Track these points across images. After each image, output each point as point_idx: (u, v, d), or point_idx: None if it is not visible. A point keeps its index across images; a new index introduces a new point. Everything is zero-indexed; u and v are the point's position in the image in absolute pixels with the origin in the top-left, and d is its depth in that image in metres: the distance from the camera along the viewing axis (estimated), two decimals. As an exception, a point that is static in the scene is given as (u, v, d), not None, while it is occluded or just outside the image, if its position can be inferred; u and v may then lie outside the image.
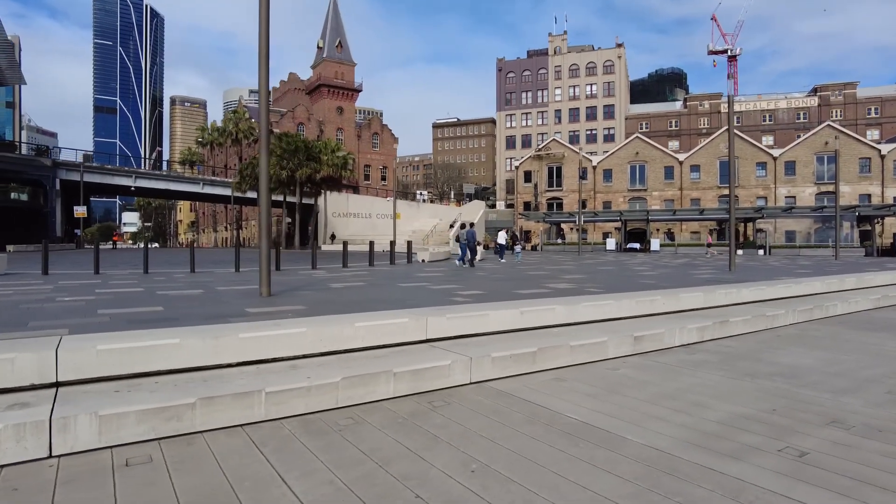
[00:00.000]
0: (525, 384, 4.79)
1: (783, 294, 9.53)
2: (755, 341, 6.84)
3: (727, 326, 7.02)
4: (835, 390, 4.59)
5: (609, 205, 55.54)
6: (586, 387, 4.72)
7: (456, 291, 9.63)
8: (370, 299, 8.49)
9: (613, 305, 6.89)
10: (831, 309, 9.02)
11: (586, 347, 5.55)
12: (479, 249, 29.79)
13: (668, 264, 21.67)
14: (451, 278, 13.11)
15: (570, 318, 6.44)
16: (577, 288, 10.31)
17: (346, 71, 71.77)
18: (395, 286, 10.68)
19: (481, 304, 6.47)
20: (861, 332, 7.56)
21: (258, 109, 61.76)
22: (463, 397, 4.42)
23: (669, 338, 6.32)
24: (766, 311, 7.80)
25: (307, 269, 16.00)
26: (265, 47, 8.36)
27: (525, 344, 5.33)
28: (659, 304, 7.38)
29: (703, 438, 3.45)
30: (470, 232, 19.97)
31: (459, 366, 4.72)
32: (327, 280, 12.15)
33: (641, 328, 6.28)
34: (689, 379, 4.99)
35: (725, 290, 8.48)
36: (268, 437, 3.50)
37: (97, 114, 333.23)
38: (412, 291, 9.78)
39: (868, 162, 50.02)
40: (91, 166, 42.66)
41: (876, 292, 10.99)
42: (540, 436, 3.52)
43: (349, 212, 52.42)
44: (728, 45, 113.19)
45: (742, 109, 79.39)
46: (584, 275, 14.56)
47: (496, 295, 9.16)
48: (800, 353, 6.13)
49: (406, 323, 5.32)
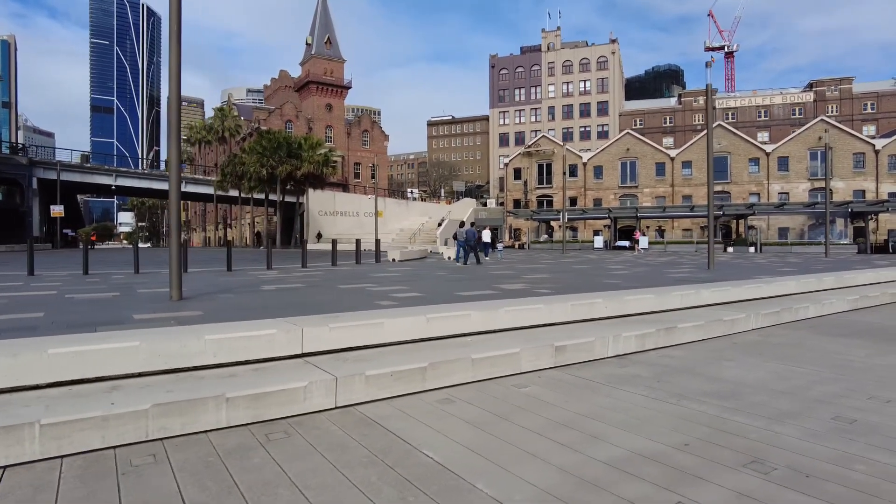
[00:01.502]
0: (403, 408, 3.99)
1: (751, 295, 8.73)
2: (705, 351, 6.04)
3: (674, 334, 6.22)
4: (773, 415, 3.80)
5: (600, 202, 54.64)
6: (476, 411, 3.92)
7: (394, 293, 8.83)
8: (291, 303, 7.68)
9: (543, 310, 6.09)
10: (801, 312, 8.22)
11: (493, 360, 4.74)
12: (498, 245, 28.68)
13: (650, 262, 20.86)
14: (404, 279, 12.33)
15: (488, 326, 5.63)
16: (528, 289, 9.51)
17: (336, 68, 70.79)
18: (335, 288, 9.87)
19: (379, 311, 5.66)
20: (829, 339, 6.76)
21: (247, 107, 60.85)
22: (314, 427, 3.62)
23: (601, 347, 5.51)
24: (724, 316, 6.99)
25: (260, 270, 15.20)
26: (176, 35, 7.55)
27: (417, 358, 4.53)
28: (599, 307, 6.58)
29: (574, 489, 2.66)
30: (469, 231, 19.60)
31: (320, 387, 3.91)
32: (269, 282, 11.34)
33: (569, 336, 5.48)
34: (603, 400, 4.19)
35: (682, 292, 7.67)
36: (24, 484, 2.72)
37: (94, 113, 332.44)
38: (349, 294, 8.98)
39: (862, 157, 49.14)
40: (69, 165, 41.77)
41: (855, 292, 10.20)
42: (369, 483, 2.73)
43: (336, 210, 51.54)
44: (725, 42, 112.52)
45: (737, 105, 78.63)
46: (549, 274, 13.77)
47: (436, 297, 8.37)
48: (751, 366, 5.34)
49: (273, 335, 4.51)
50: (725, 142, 52.07)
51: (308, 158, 40.25)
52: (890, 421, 3.65)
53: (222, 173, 41.63)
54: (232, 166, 40.17)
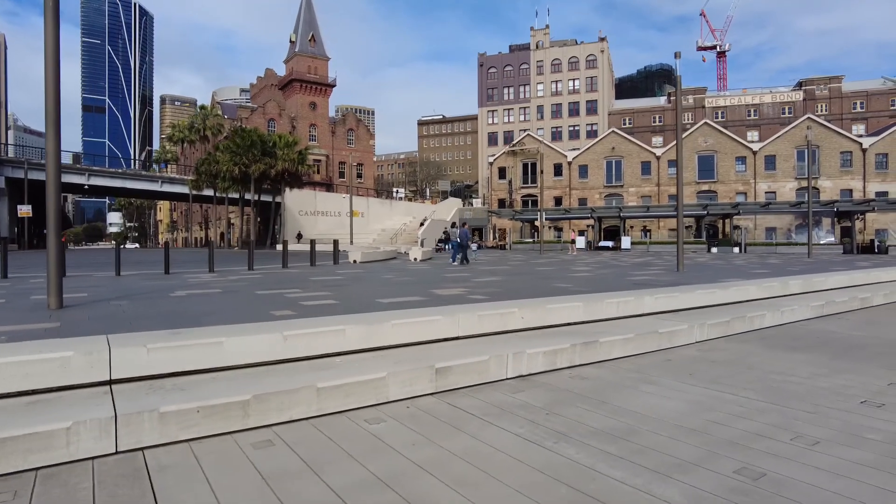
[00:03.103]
0: (204, 454, 3.13)
1: (702, 302, 7.92)
2: (628, 370, 5.22)
3: (594, 349, 5.39)
4: (663, 466, 2.97)
5: (585, 201, 53.83)
6: (289, 459, 3.08)
7: (308, 301, 7.98)
8: (175, 312, 6.80)
9: (442, 323, 5.24)
10: (757, 321, 7.41)
11: (347, 389, 3.89)
12: (472, 245, 29.09)
13: (620, 264, 20.06)
14: (339, 283, 11.49)
15: (368, 343, 4.78)
16: (463, 295, 8.67)
17: (320, 65, 69.73)
18: (252, 294, 9.00)
19: (223, 327, 4.79)
20: (776, 354, 5.96)
21: (233, 106, 59.80)
22: (62, 483, 2.77)
23: (497, 368, 4.68)
24: (661, 327, 6.18)
25: (201, 273, 14.31)
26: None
27: (244, 388, 3.67)
28: (514, 318, 5.75)
29: None
30: (463, 231, 20.62)
31: (91, 428, 3.06)
32: (192, 286, 10.46)
33: (461, 354, 4.64)
34: (463, 442, 3.35)
35: (620, 299, 6.85)
36: None
37: (86, 113, 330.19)
38: (258, 301, 8.11)
39: (850, 156, 48.54)
40: (38, 164, 40.59)
41: (822, 297, 9.41)
42: None
43: (317, 210, 50.56)
44: (717, 41, 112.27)
45: (727, 104, 78.12)
46: (503, 277, 12.94)
47: (354, 304, 7.52)
48: (672, 391, 4.52)
49: (69, 359, 3.64)
50: (712, 140, 51.42)
51: (283, 157, 39.25)
52: (806, 476, 2.82)
53: (197, 172, 40.57)
54: (206, 165, 39.15)
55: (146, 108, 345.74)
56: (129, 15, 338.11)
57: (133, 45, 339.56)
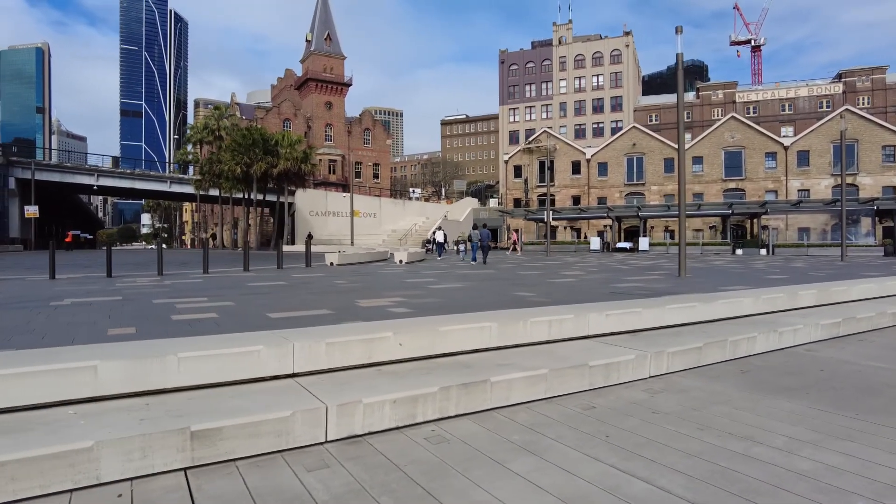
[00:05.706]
0: None
1: (676, 320, 6.24)
2: (520, 426, 3.64)
3: (480, 393, 3.84)
4: None
5: (604, 200, 51.41)
6: None
7: (193, 312, 6.63)
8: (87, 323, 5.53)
9: (264, 354, 3.77)
10: (742, 345, 5.71)
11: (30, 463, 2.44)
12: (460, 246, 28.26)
13: (621, 267, 18.23)
14: (267, 290, 10.17)
15: (136, 386, 3.34)
16: (388, 307, 7.18)
17: (336, 64, 69.00)
18: (149, 304, 7.69)
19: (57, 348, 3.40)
20: (755, 398, 4.28)
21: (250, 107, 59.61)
22: None
23: (306, 427, 3.17)
24: (594, 358, 4.57)
25: (149, 276, 13.20)
26: None
27: None
28: (387, 345, 4.23)
29: None
30: (484, 232, 20.36)
31: None
32: (104, 293, 9.29)
33: (242, 409, 3.16)
34: None
35: (550, 317, 5.25)
36: None
37: (123, 118, 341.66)
38: (131, 314, 6.79)
39: (893, 150, 45.00)
40: (46, 164, 40.69)
41: (839, 312, 7.57)
42: None
43: (328, 210, 49.63)
44: (752, 35, 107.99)
45: (758, 99, 74.38)
46: (472, 283, 11.40)
47: (247, 317, 6.13)
48: (555, 471, 2.93)
49: None
50: (739, 135, 48.48)
51: (286, 156, 38.28)
52: None
53: (201, 172, 40.02)
54: (210, 165, 38.52)
55: (181, 112, 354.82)
56: (165, 22, 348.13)
57: (168, 50, 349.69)
